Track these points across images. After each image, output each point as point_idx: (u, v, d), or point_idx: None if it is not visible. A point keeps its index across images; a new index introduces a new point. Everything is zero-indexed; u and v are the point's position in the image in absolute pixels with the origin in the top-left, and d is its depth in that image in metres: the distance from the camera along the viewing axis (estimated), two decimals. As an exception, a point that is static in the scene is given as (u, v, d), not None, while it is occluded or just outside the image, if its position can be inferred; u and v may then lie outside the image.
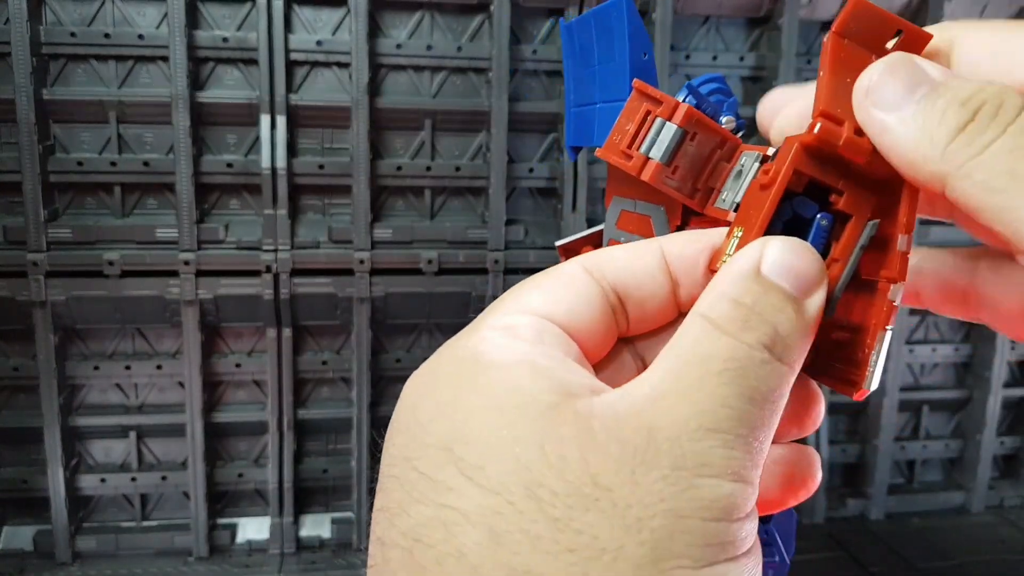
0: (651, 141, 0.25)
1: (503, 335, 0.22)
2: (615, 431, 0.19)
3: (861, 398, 0.22)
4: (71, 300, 0.97)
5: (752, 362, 0.20)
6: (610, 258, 0.24)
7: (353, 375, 1.05)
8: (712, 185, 0.26)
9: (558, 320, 0.22)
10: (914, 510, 1.20)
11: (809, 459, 0.25)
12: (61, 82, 0.96)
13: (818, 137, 0.21)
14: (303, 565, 1.03)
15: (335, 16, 0.99)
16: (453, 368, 0.22)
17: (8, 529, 1.04)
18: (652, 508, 0.18)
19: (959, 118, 0.19)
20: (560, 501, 0.18)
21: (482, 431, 0.20)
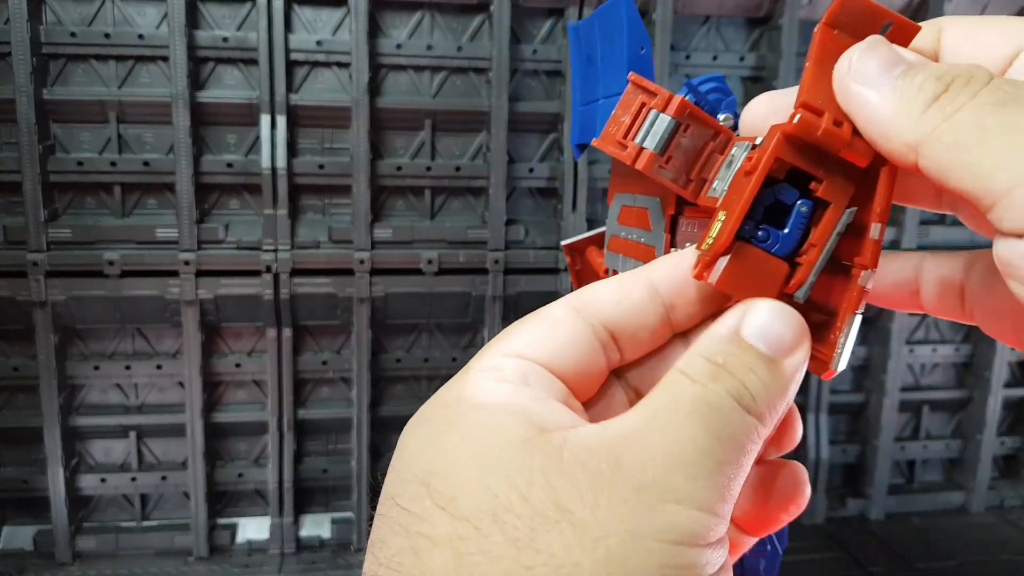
0: (645, 132, 0.26)
1: (488, 378, 0.23)
2: (583, 460, 0.20)
3: (828, 378, 0.23)
4: (71, 300, 0.97)
5: (720, 407, 0.21)
6: (597, 297, 0.25)
7: (353, 375, 1.05)
8: (705, 176, 0.26)
9: (543, 361, 0.23)
10: (914, 510, 1.20)
11: (796, 474, 0.26)
12: (61, 82, 0.96)
13: (798, 126, 0.22)
14: (303, 565, 1.03)
15: (335, 16, 0.99)
16: (439, 411, 0.23)
17: (8, 529, 1.04)
18: (611, 529, 0.19)
19: (934, 89, 0.20)
20: (523, 523, 0.19)
21: (456, 464, 0.21)
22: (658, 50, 1.01)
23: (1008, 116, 0.19)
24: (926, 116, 0.20)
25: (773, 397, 0.21)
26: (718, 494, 0.20)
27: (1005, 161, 0.19)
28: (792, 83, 1.17)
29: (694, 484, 0.20)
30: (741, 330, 0.22)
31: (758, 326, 0.22)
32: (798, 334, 0.22)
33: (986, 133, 0.19)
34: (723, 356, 0.22)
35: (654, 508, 0.19)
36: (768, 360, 0.22)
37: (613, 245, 0.37)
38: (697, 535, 0.20)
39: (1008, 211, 0.19)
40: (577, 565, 0.19)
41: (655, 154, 0.26)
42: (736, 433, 0.21)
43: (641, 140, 0.26)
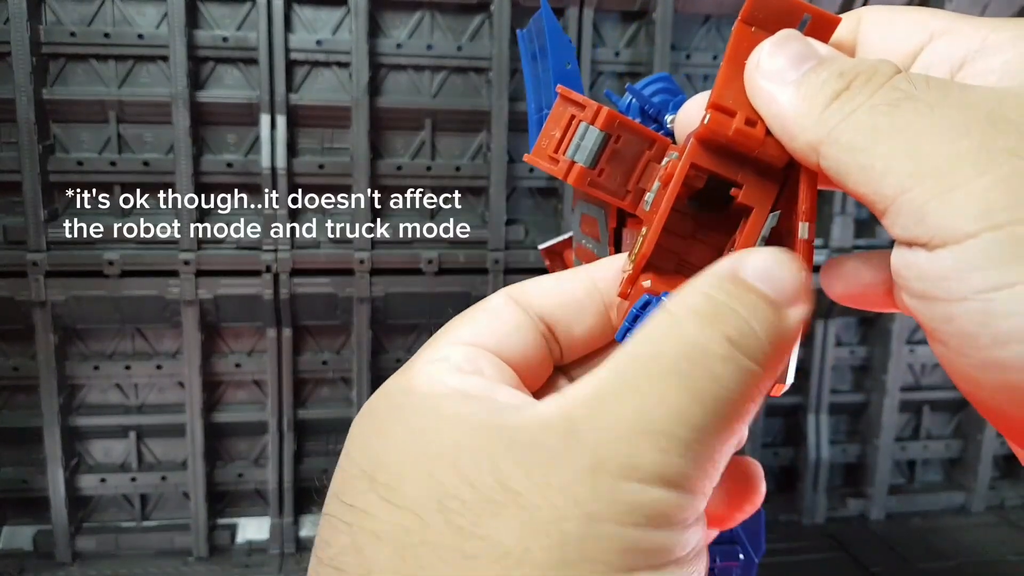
0: (576, 145, 0.25)
1: (435, 368, 0.21)
2: (535, 436, 0.18)
3: (778, 394, 0.22)
4: (71, 300, 0.97)
5: (707, 358, 0.18)
6: (535, 287, 0.24)
7: (353, 375, 1.05)
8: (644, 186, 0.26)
9: (491, 349, 0.22)
10: (915, 510, 1.20)
11: (750, 470, 0.24)
12: (61, 82, 0.96)
13: (708, 128, 0.22)
14: (303, 565, 1.03)
15: (335, 16, 0.99)
16: (383, 402, 0.22)
17: (8, 529, 1.04)
18: (565, 511, 0.17)
19: (836, 86, 0.20)
20: (467, 509, 0.18)
21: (401, 455, 0.19)
22: (658, 50, 1.01)
23: (900, 117, 0.18)
24: (825, 115, 0.20)
25: (778, 347, 0.19)
26: (694, 467, 0.18)
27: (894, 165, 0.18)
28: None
29: (662, 457, 0.17)
30: (740, 271, 0.19)
31: (763, 269, 0.19)
32: (803, 283, 0.20)
33: (878, 134, 0.18)
34: (725, 293, 0.19)
35: (614, 486, 0.17)
36: (773, 304, 0.19)
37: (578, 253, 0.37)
38: (666, 516, 0.18)
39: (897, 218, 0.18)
40: (527, 551, 0.17)
41: (585, 168, 0.25)
42: (725, 390, 0.18)
43: (572, 154, 0.25)
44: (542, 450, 0.18)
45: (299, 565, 1.03)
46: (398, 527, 0.18)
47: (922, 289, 0.18)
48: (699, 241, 0.25)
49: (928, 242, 0.17)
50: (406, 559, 0.18)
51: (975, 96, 0.18)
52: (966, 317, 0.17)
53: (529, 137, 0.38)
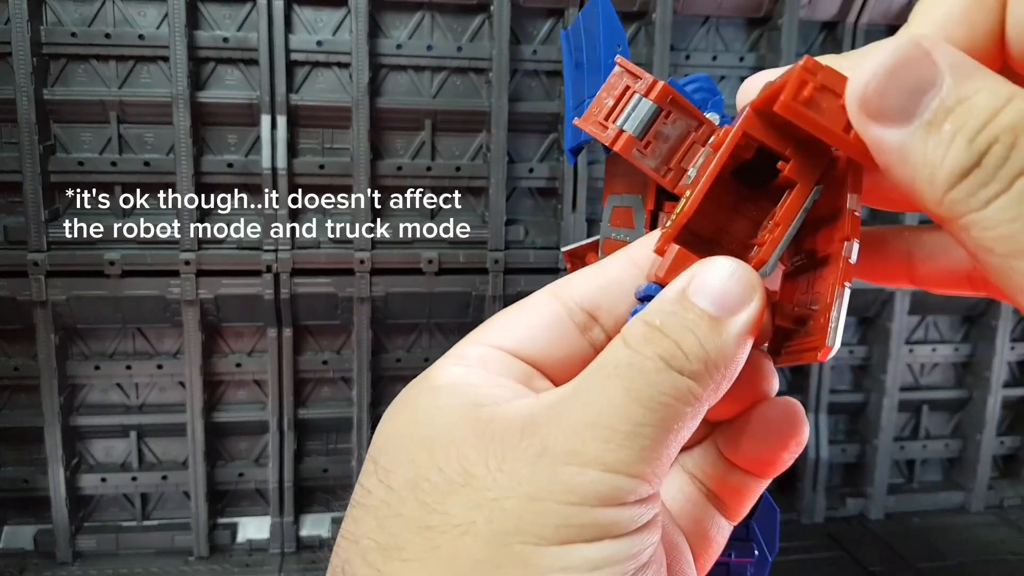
0: (627, 115, 0.26)
1: (451, 363, 0.24)
2: (501, 429, 0.21)
3: (825, 358, 0.22)
4: (72, 300, 0.97)
5: (644, 368, 0.21)
6: (577, 277, 0.25)
7: (353, 375, 1.05)
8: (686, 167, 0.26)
9: (510, 346, 0.24)
10: (914, 510, 1.21)
11: (791, 410, 0.25)
12: (62, 82, 0.97)
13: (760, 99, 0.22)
14: (303, 564, 1.03)
15: (335, 16, 0.99)
16: (402, 394, 0.25)
17: (9, 528, 1.04)
18: (509, 491, 0.20)
19: (965, 160, 0.16)
20: (433, 488, 0.21)
21: (397, 441, 0.23)
22: (658, 50, 1.02)
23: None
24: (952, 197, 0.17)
25: (714, 356, 0.21)
26: (635, 455, 0.20)
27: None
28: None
29: (603, 446, 0.20)
30: (687, 288, 0.21)
31: (704, 283, 0.21)
32: (747, 289, 0.21)
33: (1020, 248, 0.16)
34: (662, 317, 0.21)
35: (555, 469, 0.20)
36: (711, 319, 0.21)
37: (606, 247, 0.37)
38: (603, 496, 0.20)
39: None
40: (472, 524, 0.20)
41: (633, 137, 0.26)
42: (662, 394, 0.20)
43: (622, 123, 0.26)
44: (502, 441, 0.21)
45: (299, 564, 1.03)
46: (383, 503, 0.21)
47: None
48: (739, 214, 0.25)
49: None
50: (383, 528, 0.21)
51: None
52: None
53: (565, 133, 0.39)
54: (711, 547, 0.26)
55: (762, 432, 0.25)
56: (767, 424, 0.25)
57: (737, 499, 0.26)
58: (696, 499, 0.26)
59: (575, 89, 0.37)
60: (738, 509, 0.27)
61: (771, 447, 0.25)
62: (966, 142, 0.16)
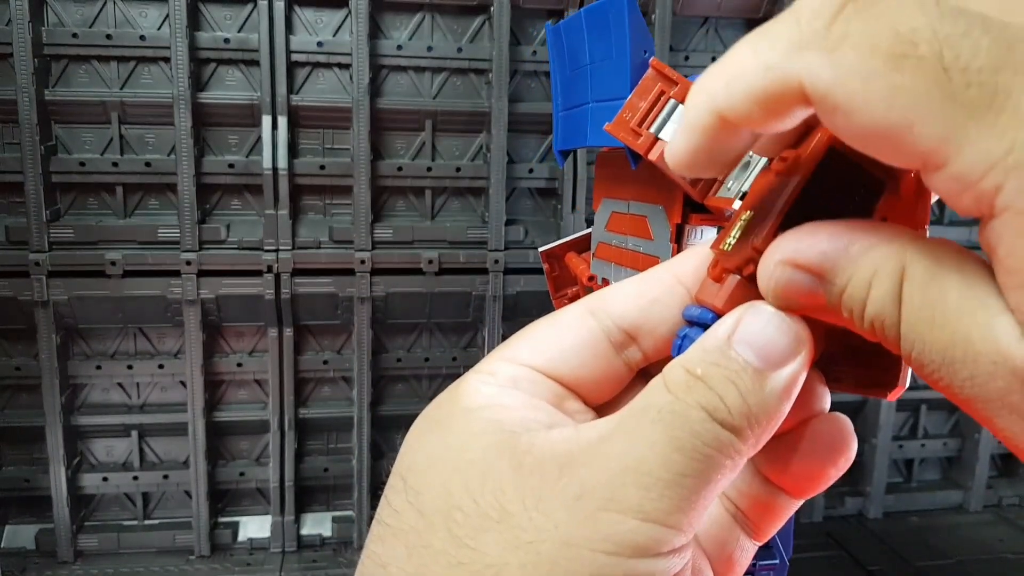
0: (663, 121, 0.25)
1: (481, 381, 0.23)
2: (540, 464, 0.20)
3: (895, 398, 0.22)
4: (73, 300, 0.98)
5: (688, 418, 0.20)
6: (613, 297, 0.24)
7: (354, 374, 1.06)
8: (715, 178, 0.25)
9: (541, 365, 0.24)
10: (912, 509, 1.21)
11: (840, 426, 0.25)
12: (63, 83, 0.97)
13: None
14: (304, 563, 1.04)
15: (336, 17, 1.00)
16: (433, 411, 0.24)
17: (10, 528, 1.04)
18: (545, 534, 0.19)
19: None
20: (468, 522, 0.20)
21: (429, 463, 0.22)
22: (657, 51, 1.02)
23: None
24: None
25: (756, 411, 0.20)
26: (674, 505, 0.20)
27: None
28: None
29: (644, 494, 0.19)
30: (732, 337, 0.21)
31: (750, 333, 0.21)
32: (794, 342, 0.21)
33: None
34: (704, 367, 0.21)
35: (593, 516, 0.19)
36: (755, 371, 0.20)
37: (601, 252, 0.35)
38: (640, 547, 0.19)
39: None
40: (506, 565, 0.19)
41: None
42: (704, 445, 0.20)
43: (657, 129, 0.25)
44: (540, 478, 0.20)
45: (300, 563, 1.04)
46: (413, 529, 0.21)
47: None
48: None
49: None
50: (411, 558, 0.20)
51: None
52: None
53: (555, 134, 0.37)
54: (734, 569, 0.26)
55: (811, 449, 0.24)
56: (816, 440, 0.24)
57: (768, 519, 0.26)
58: (723, 521, 0.25)
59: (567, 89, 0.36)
60: (767, 529, 0.26)
61: (819, 464, 0.24)
62: None
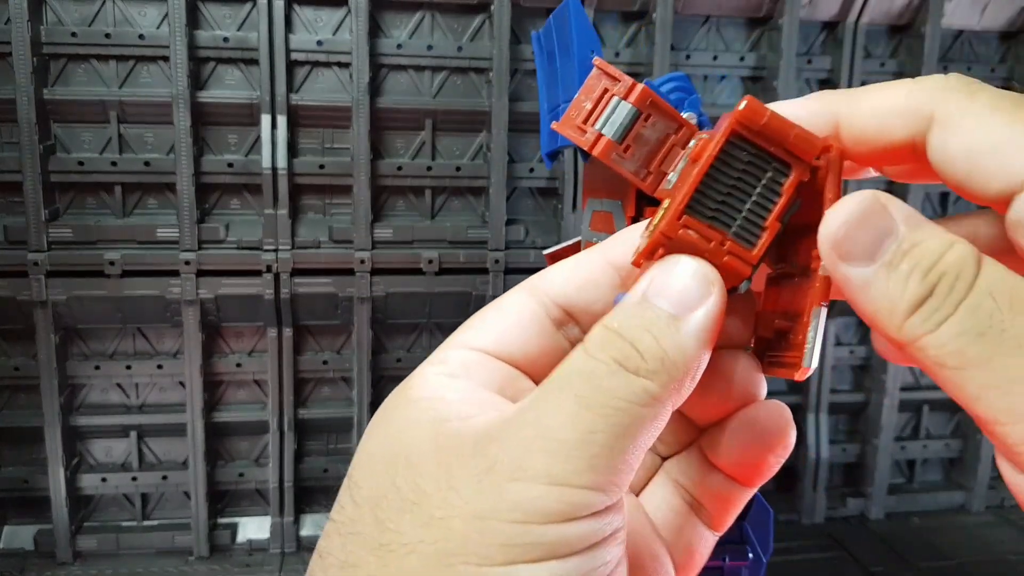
0: (606, 118, 0.26)
1: (432, 371, 0.24)
2: (458, 444, 0.21)
3: (802, 378, 0.23)
4: (72, 300, 0.97)
5: (597, 373, 0.20)
6: (550, 275, 0.25)
7: (354, 375, 1.05)
8: (666, 170, 0.26)
9: (489, 348, 0.24)
10: (914, 510, 1.21)
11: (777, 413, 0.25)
12: (62, 82, 0.97)
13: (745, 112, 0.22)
14: (304, 564, 1.03)
15: (336, 16, 0.99)
16: (386, 403, 0.24)
17: (9, 528, 1.04)
18: (455, 510, 0.20)
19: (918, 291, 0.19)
20: (389, 505, 0.21)
21: (370, 457, 0.23)
22: (658, 50, 1.02)
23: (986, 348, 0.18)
24: (910, 323, 0.19)
25: (672, 353, 0.21)
26: (584, 464, 0.19)
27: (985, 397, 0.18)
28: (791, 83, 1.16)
29: (551, 459, 0.19)
30: (647, 290, 0.22)
31: (663, 283, 0.22)
32: (704, 285, 0.22)
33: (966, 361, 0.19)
34: (619, 321, 0.21)
35: (501, 487, 0.20)
36: (669, 317, 0.21)
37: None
38: (551, 512, 0.19)
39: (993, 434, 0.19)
40: (420, 542, 0.20)
41: (613, 141, 0.25)
42: (615, 398, 0.20)
43: (601, 126, 0.26)
44: (455, 457, 0.21)
45: (300, 564, 1.03)
46: (348, 520, 0.22)
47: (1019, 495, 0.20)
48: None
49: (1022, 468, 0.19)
50: (345, 545, 0.21)
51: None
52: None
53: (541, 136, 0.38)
54: (694, 559, 0.26)
55: (748, 435, 0.25)
56: (753, 427, 0.25)
57: (722, 508, 0.26)
58: (680, 509, 0.26)
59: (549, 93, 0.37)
60: (723, 519, 0.26)
61: (758, 451, 0.25)
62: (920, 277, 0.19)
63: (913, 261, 0.20)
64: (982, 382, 0.18)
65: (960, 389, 0.19)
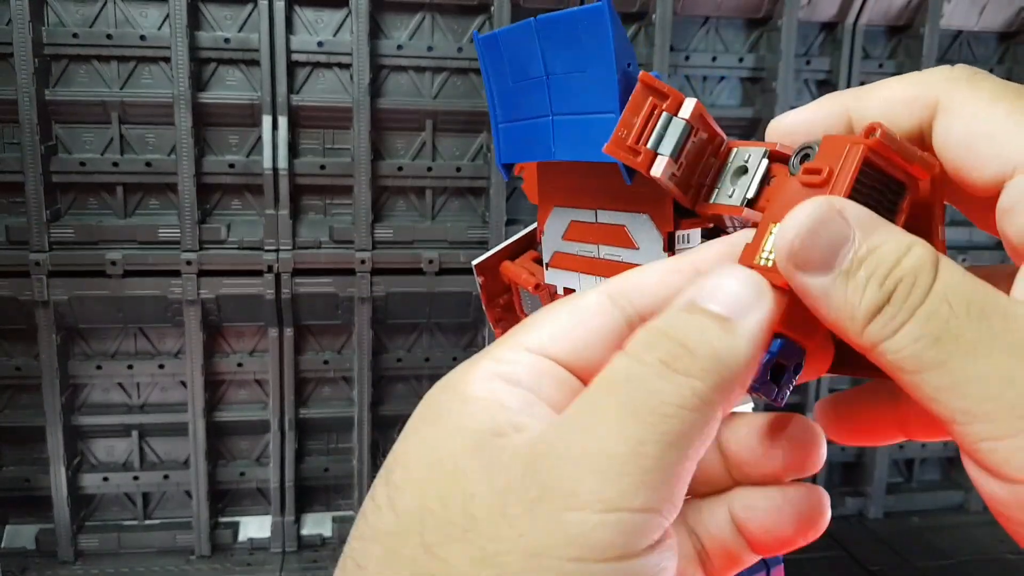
0: (659, 136, 0.25)
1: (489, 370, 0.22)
2: (508, 465, 0.19)
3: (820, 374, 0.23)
4: (73, 300, 0.97)
5: (645, 377, 0.19)
6: (635, 283, 0.23)
7: (354, 374, 1.06)
8: (703, 182, 0.25)
9: (560, 356, 0.22)
10: (913, 509, 1.21)
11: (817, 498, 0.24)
12: (63, 83, 0.97)
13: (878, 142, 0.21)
14: (304, 563, 1.04)
15: (336, 17, 1.00)
16: (436, 394, 0.22)
17: (11, 528, 1.04)
18: (509, 543, 0.18)
19: (876, 299, 0.19)
20: (438, 529, 0.19)
21: (415, 460, 0.21)
22: (658, 51, 1.02)
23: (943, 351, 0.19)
24: (870, 330, 0.20)
25: (723, 354, 0.19)
26: (637, 481, 0.18)
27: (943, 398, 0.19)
28: (790, 84, 1.15)
29: (602, 480, 0.18)
30: (695, 294, 0.21)
31: (714, 288, 0.21)
32: (757, 291, 0.21)
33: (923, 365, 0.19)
34: (666, 321, 0.20)
35: (554, 518, 0.18)
36: (719, 318, 0.20)
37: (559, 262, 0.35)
38: (608, 544, 0.18)
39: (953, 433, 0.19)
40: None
41: (670, 160, 0.24)
42: (663, 404, 0.18)
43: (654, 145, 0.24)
44: (506, 479, 0.19)
45: (301, 563, 1.04)
46: (389, 531, 0.20)
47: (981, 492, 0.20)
48: None
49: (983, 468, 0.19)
50: (387, 563, 0.19)
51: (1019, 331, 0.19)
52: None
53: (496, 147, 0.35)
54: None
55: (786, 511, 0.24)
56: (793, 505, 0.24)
57: (727, 566, 0.24)
58: (687, 554, 0.24)
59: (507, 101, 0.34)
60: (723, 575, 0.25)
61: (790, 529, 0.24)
62: (878, 285, 0.19)
63: (870, 268, 0.20)
64: (938, 384, 0.19)
65: (919, 391, 0.19)
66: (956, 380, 0.19)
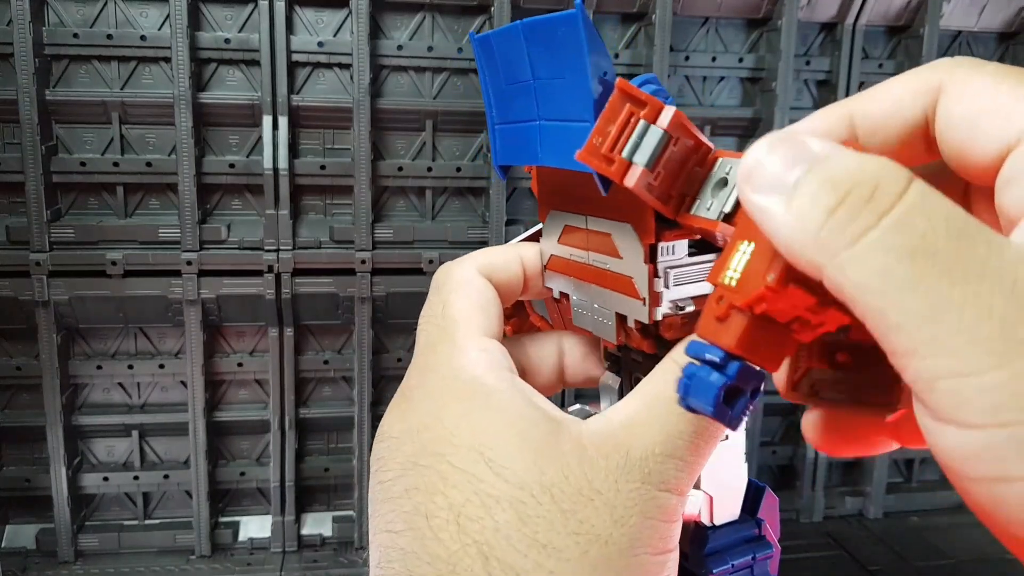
0: (634, 145, 0.24)
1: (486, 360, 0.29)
2: (601, 450, 0.25)
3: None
4: (74, 300, 0.98)
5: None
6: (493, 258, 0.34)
7: (354, 374, 1.06)
8: (684, 192, 0.24)
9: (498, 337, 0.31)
10: (912, 508, 1.21)
11: None
12: (64, 83, 0.97)
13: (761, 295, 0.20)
14: (305, 563, 1.04)
15: (337, 17, 1.00)
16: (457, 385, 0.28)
17: (11, 528, 1.04)
18: (630, 510, 0.24)
19: (828, 200, 0.18)
20: (567, 498, 0.24)
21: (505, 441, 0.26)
22: (657, 51, 1.02)
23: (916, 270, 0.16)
24: (824, 236, 0.17)
25: None
26: (691, 479, 0.26)
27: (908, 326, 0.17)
28: (790, 85, 1.15)
29: (679, 475, 0.25)
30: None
31: None
32: None
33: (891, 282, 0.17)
34: None
35: (654, 494, 0.25)
36: None
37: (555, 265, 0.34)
38: (676, 515, 0.26)
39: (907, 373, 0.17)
40: (611, 535, 0.24)
41: (645, 170, 0.23)
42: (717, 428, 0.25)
43: (629, 154, 0.23)
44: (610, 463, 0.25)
45: (301, 563, 1.04)
46: (514, 498, 0.24)
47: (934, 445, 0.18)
48: None
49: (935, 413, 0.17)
50: (526, 524, 0.24)
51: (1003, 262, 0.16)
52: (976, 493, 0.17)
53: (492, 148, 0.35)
54: None
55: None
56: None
57: None
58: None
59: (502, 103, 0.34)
60: None
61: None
62: (831, 186, 0.18)
63: (824, 172, 0.18)
64: (907, 307, 0.16)
65: (881, 316, 0.17)
66: (928, 305, 0.16)
